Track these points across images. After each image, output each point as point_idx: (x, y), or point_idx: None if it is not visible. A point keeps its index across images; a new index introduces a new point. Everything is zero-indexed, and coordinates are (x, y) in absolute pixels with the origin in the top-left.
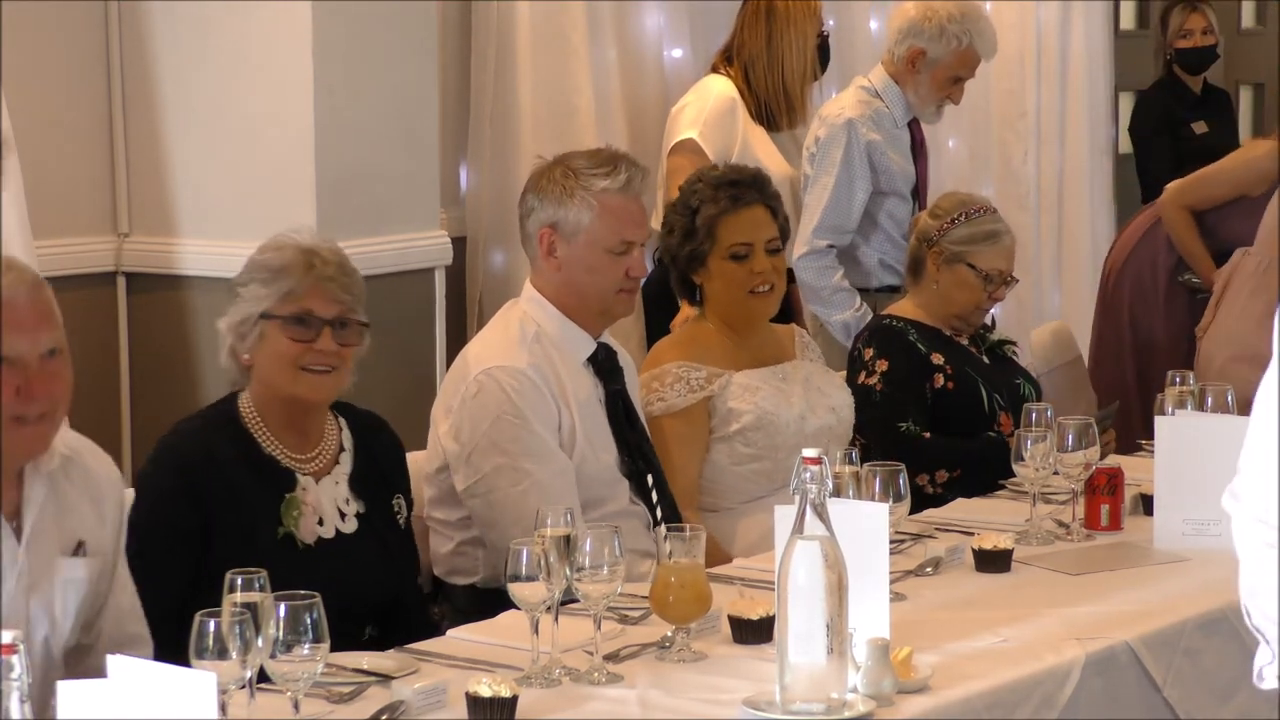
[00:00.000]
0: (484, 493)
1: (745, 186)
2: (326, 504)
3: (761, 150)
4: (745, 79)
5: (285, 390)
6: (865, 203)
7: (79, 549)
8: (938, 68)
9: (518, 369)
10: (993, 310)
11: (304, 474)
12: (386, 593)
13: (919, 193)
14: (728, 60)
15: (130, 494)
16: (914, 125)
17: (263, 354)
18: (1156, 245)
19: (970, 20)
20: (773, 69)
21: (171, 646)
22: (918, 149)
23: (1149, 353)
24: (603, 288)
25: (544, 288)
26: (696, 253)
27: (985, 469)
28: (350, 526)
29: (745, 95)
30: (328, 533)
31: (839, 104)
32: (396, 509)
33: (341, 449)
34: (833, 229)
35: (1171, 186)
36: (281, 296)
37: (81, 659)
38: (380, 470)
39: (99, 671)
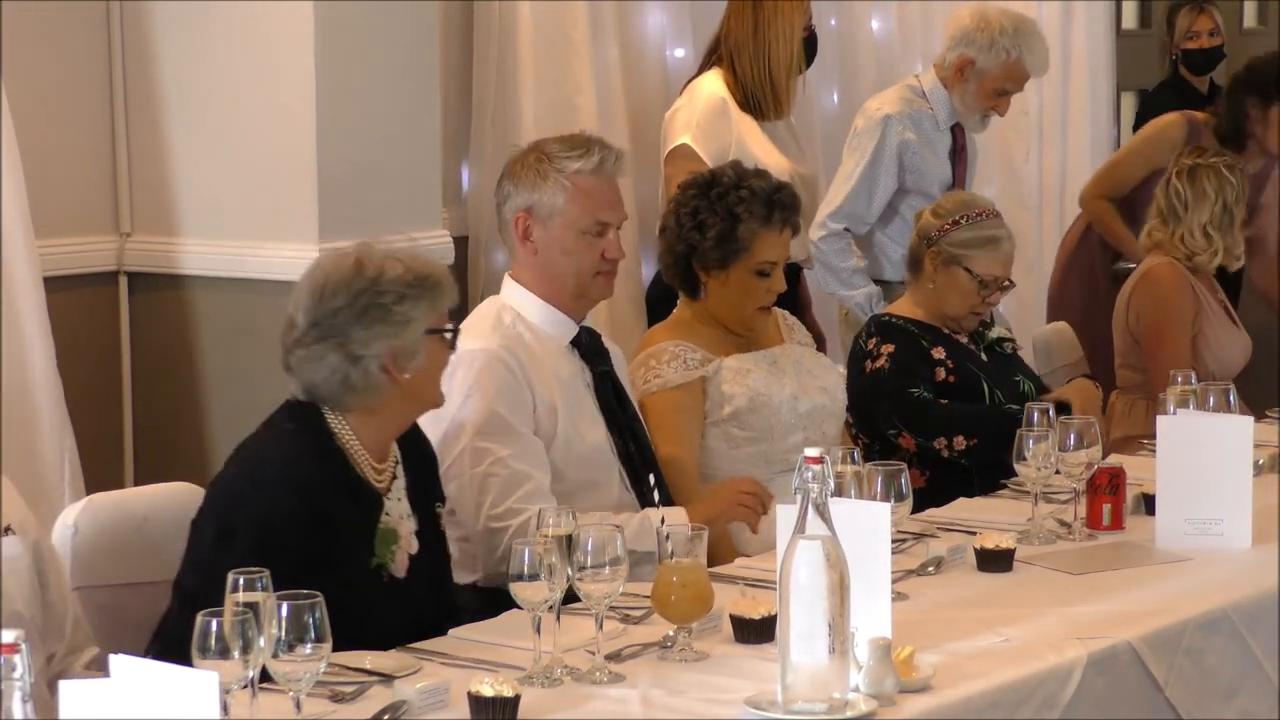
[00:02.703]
0: (455, 476)
1: (791, 209)
2: (400, 527)
3: (758, 147)
4: (732, 70)
5: (432, 402)
6: (888, 199)
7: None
8: (985, 78)
9: (488, 349)
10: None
11: (385, 495)
12: (438, 616)
13: None
14: (715, 56)
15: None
16: (957, 130)
17: (425, 370)
18: (1092, 247)
19: (1023, 35)
20: (759, 60)
21: None
22: (958, 153)
23: (1105, 349)
24: (579, 270)
25: (522, 275)
26: (724, 258)
27: (1000, 441)
28: (414, 546)
29: (732, 87)
30: (404, 562)
31: (881, 99)
32: (438, 510)
33: (397, 461)
34: (850, 216)
35: (1089, 182)
36: (439, 311)
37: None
38: (424, 478)
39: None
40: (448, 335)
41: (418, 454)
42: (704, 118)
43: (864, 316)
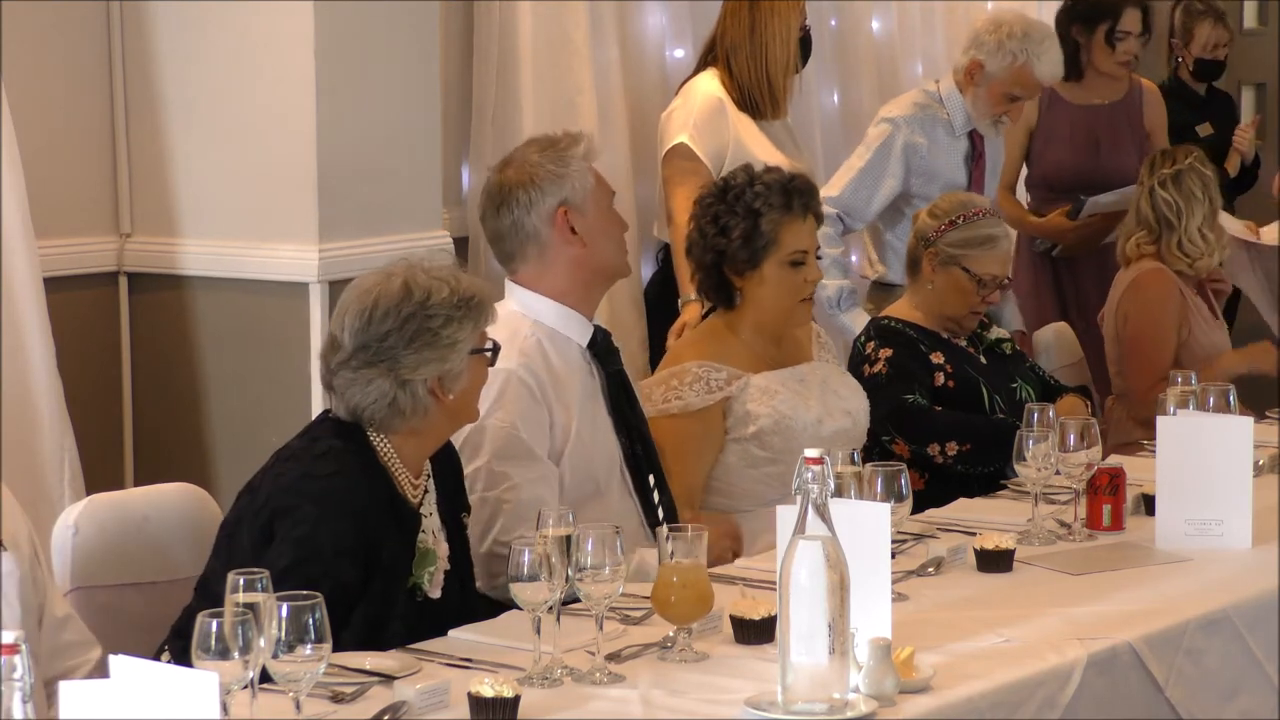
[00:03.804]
0: (468, 492)
1: (809, 195)
2: (438, 547)
3: (755, 146)
4: (728, 69)
5: (471, 419)
6: (889, 200)
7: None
8: (993, 82)
9: (508, 369)
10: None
11: (420, 510)
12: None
13: None
14: (711, 55)
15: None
16: (976, 135)
17: (467, 389)
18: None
19: (1032, 40)
20: (756, 59)
21: None
22: (976, 160)
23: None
24: (618, 246)
25: (543, 279)
26: (755, 257)
27: (995, 448)
28: (445, 564)
29: (729, 87)
30: (440, 581)
31: (895, 103)
32: (464, 520)
33: (429, 475)
34: (846, 207)
35: None
36: (481, 330)
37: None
38: (452, 488)
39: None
40: (488, 353)
41: (446, 463)
42: (701, 117)
43: (827, 310)
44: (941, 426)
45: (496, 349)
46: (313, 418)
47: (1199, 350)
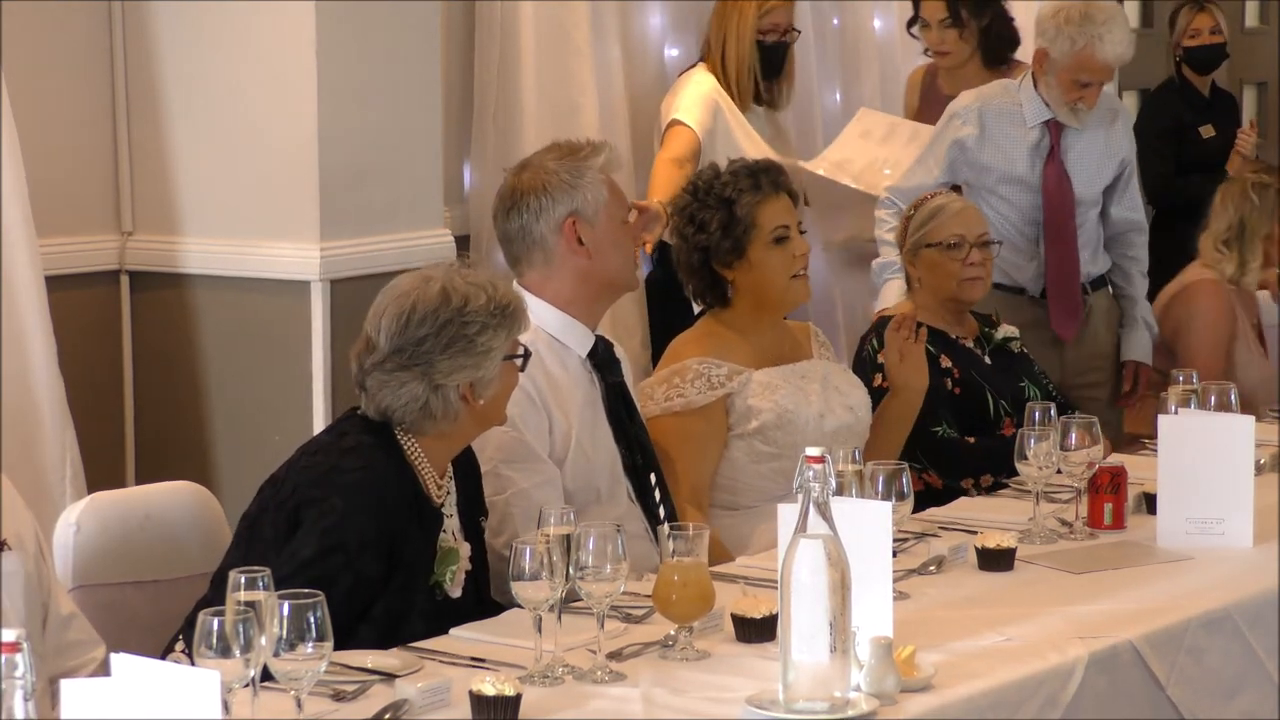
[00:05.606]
0: None
1: (776, 173)
2: (460, 547)
3: (743, 136)
4: (718, 61)
5: (499, 422)
6: (937, 189)
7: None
8: (1059, 69)
9: None
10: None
11: (442, 510)
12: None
13: (1048, 194)
14: (705, 48)
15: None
16: (1053, 126)
17: (497, 394)
18: None
19: (1093, 23)
20: (726, 53)
21: None
22: (1051, 151)
23: None
24: (627, 260)
25: (548, 286)
26: (738, 244)
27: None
28: (467, 563)
29: (718, 77)
30: (461, 580)
31: (971, 91)
32: (481, 524)
33: (450, 476)
34: (903, 196)
35: None
36: (514, 338)
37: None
38: (471, 490)
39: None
40: (519, 360)
41: (466, 466)
42: (692, 100)
43: (874, 281)
44: (977, 460)
45: (528, 355)
46: (313, 416)
47: (1231, 378)
